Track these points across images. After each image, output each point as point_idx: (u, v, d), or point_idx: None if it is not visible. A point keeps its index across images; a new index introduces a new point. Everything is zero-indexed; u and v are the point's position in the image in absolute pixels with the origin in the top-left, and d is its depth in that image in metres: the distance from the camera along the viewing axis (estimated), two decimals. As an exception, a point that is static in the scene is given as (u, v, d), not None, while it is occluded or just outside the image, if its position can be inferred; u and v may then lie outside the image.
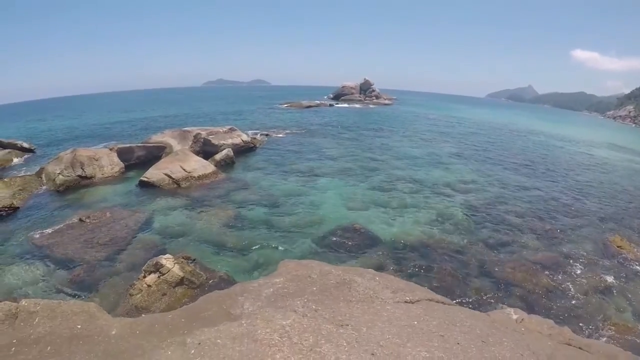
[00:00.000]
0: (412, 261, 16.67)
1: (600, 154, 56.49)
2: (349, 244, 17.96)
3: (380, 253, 17.28)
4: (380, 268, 15.69)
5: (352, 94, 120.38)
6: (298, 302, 6.23)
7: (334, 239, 18.49)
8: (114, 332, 5.80)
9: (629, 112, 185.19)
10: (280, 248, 17.27)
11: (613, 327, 13.94)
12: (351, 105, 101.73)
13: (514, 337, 6.55)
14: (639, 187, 35.82)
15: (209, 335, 5.42)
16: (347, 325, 5.49)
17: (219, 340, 5.28)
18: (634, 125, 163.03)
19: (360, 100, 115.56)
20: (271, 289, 6.91)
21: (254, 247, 17.31)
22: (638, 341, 13.15)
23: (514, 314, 9.19)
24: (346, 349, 4.92)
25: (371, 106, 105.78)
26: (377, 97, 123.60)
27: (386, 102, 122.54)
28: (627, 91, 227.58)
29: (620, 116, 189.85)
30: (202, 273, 14.68)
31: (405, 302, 6.87)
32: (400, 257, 16.98)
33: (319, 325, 5.45)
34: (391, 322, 5.75)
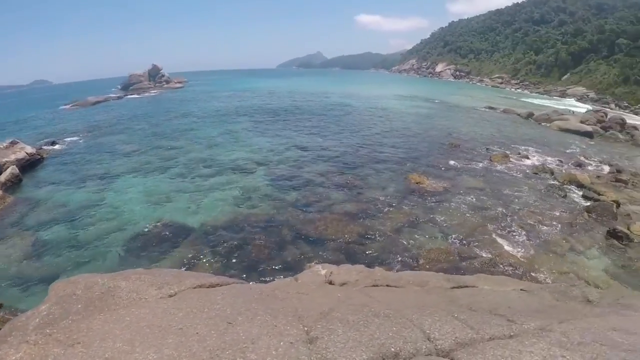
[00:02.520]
0: (226, 243, 16.78)
1: (389, 105, 65.32)
2: (159, 242, 17.14)
3: (193, 243, 16.98)
4: (194, 259, 15.59)
5: (142, 82, 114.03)
6: (60, 327, 5.52)
7: (143, 240, 17.38)
8: None
9: (412, 65, 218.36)
10: (85, 266, 15.44)
11: (427, 254, 15.50)
12: (142, 95, 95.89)
13: (282, 304, 6.40)
14: (427, 129, 42.98)
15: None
16: (79, 343, 5.05)
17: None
18: (417, 75, 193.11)
19: (150, 88, 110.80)
20: (37, 319, 5.99)
21: (60, 273, 15.07)
22: (452, 260, 15.22)
23: (322, 269, 9.58)
24: (68, 372, 4.48)
25: (162, 92, 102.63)
26: (167, 82, 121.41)
27: (177, 85, 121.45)
28: (409, 47, 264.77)
29: (405, 69, 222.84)
30: (11, 318, 12.27)
31: (170, 296, 6.65)
32: (214, 242, 16.96)
33: (48, 351, 4.92)
34: (130, 326, 5.38)
